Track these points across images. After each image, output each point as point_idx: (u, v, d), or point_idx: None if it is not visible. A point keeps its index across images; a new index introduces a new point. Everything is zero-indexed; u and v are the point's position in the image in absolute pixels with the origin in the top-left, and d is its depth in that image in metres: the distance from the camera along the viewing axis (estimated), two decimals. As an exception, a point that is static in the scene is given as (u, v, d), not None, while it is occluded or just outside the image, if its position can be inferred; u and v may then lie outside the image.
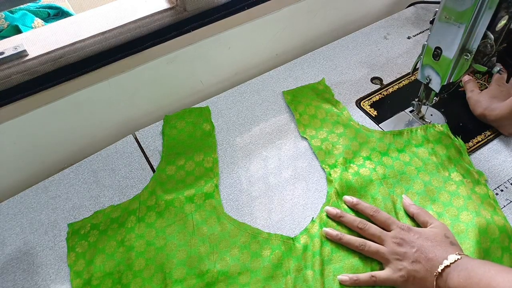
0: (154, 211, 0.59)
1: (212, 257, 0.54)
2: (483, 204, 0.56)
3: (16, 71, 0.57)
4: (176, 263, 0.53)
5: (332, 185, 0.60)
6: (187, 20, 0.67)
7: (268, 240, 0.55)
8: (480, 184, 0.59)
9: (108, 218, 0.59)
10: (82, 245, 0.57)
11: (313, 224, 0.57)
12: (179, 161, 0.64)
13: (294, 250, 0.54)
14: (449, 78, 0.58)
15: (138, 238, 0.56)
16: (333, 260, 0.53)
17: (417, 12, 0.91)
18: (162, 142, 0.68)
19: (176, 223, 0.57)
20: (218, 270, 0.53)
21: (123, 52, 0.65)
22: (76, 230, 0.58)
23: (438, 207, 0.57)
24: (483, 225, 0.53)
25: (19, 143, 0.63)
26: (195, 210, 0.59)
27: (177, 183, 0.62)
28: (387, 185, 0.59)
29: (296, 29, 0.82)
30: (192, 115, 0.71)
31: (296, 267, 0.52)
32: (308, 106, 0.71)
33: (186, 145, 0.67)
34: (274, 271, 0.52)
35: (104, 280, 0.53)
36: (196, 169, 0.64)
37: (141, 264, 0.54)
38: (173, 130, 0.69)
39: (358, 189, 0.59)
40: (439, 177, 0.60)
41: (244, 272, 0.53)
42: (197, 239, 0.56)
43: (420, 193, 0.58)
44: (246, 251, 0.54)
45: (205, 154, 0.65)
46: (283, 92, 0.75)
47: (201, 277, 0.52)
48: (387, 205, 0.57)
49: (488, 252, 0.52)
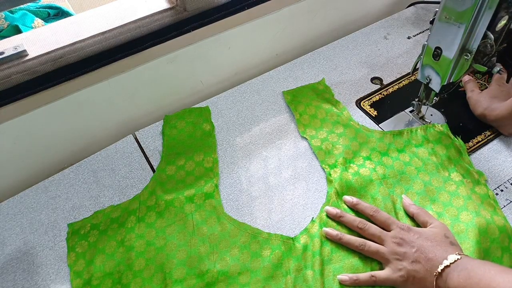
0: (154, 211, 0.59)
1: (212, 257, 0.54)
2: (483, 204, 0.56)
3: (16, 71, 0.57)
4: (176, 263, 0.53)
5: (332, 185, 0.60)
6: (187, 20, 0.67)
7: (268, 240, 0.55)
8: (480, 184, 0.59)
9: (108, 218, 0.59)
10: (82, 245, 0.57)
11: (313, 224, 0.57)
12: (179, 161, 0.64)
13: (294, 250, 0.54)
14: (449, 78, 0.58)
15: (138, 238, 0.56)
16: (333, 260, 0.53)
17: (417, 12, 0.91)
18: (162, 142, 0.68)
19: (176, 223, 0.57)
20: (218, 270, 0.53)
21: (123, 52, 0.65)
22: (76, 230, 0.58)
23: (438, 207, 0.57)
24: (483, 225, 0.53)
25: (19, 143, 0.63)
26: (195, 210, 0.59)
27: (177, 183, 0.62)
28: (387, 185, 0.59)
29: (296, 29, 0.82)
30: (192, 115, 0.71)
31: (296, 267, 0.52)
32: (308, 106, 0.71)
33: (186, 145, 0.67)
34: (274, 271, 0.52)
35: (104, 280, 0.53)
36: (196, 169, 0.63)
37: (141, 264, 0.54)
38: (173, 130, 0.69)
39: (358, 189, 0.59)
40: (439, 177, 0.60)
41: (244, 272, 0.53)
42: (197, 239, 0.56)
43: (420, 193, 0.58)
44: (246, 251, 0.54)
45: (205, 154, 0.65)
46: (283, 92, 0.75)
47: (201, 277, 0.52)
48: (387, 205, 0.57)
49: (488, 252, 0.52)
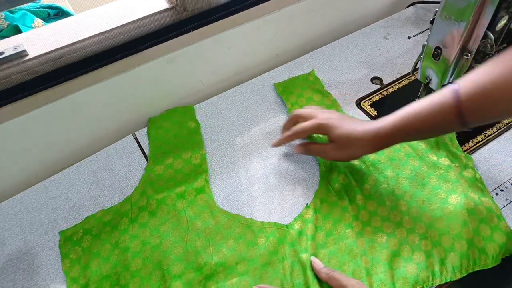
0: (146, 211, 0.59)
1: (208, 250, 0.55)
2: (471, 187, 0.58)
3: (16, 71, 0.57)
4: (174, 259, 0.54)
5: (325, 172, 0.62)
6: (187, 20, 0.67)
7: (262, 229, 0.56)
8: (468, 168, 0.60)
9: (100, 222, 0.59)
10: (76, 251, 0.56)
11: (307, 210, 0.58)
12: (167, 160, 0.65)
13: (289, 236, 0.55)
14: (449, 78, 0.58)
15: (132, 239, 0.56)
16: (328, 243, 0.54)
17: (417, 12, 0.91)
18: (148, 143, 0.68)
19: (170, 221, 0.58)
20: (216, 261, 0.53)
21: (123, 52, 0.65)
22: (69, 237, 0.58)
23: (428, 191, 0.58)
24: (471, 206, 0.55)
25: (19, 143, 0.63)
26: (187, 206, 0.59)
27: (167, 182, 0.62)
28: (377, 171, 0.61)
29: (296, 29, 0.82)
30: (177, 114, 0.72)
31: (292, 252, 0.54)
32: (299, 97, 0.73)
33: (172, 144, 0.68)
34: (270, 257, 0.54)
35: (101, 283, 0.53)
36: (184, 167, 0.64)
37: (138, 264, 0.54)
38: (159, 130, 0.70)
39: (350, 176, 0.60)
40: (428, 162, 0.61)
41: (241, 261, 0.53)
42: (192, 234, 0.56)
43: (410, 178, 0.60)
44: (242, 241, 0.55)
45: (192, 151, 0.66)
46: (274, 84, 0.76)
47: (200, 270, 0.53)
48: (377, 191, 0.59)
49: (477, 231, 0.53)
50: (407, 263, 0.52)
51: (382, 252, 0.53)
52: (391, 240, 0.54)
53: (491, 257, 0.51)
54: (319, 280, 0.51)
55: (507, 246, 0.52)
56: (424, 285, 0.50)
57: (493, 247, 0.52)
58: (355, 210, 0.57)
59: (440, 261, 0.51)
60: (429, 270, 0.51)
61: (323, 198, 0.59)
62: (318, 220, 0.57)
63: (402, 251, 0.53)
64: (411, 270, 0.51)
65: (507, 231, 0.53)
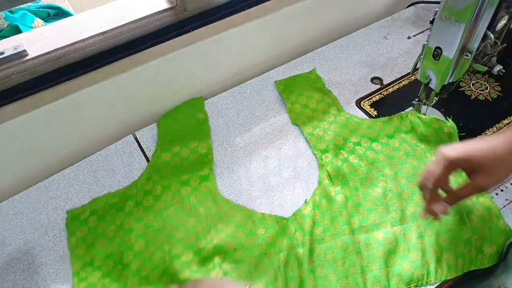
0: (151, 195, 0.60)
1: (208, 236, 0.56)
2: None
3: (16, 71, 0.57)
4: (174, 242, 0.55)
5: (324, 168, 0.62)
6: (187, 20, 0.67)
7: (263, 220, 0.57)
8: None
9: (106, 204, 0.60)
10: (82, 230, 0.58)
11: (306, 205, 0.58)
12: (174, 148, 0.66)
13: (287, 229, 0.56)
14: (449, 78, 0.58)
15: (137, 221, 0.58)
16: (325, 239, 0.55)
17: (417, 12, 0.91)
18: (157, 132, 0.69)
19: (174, 206, 0.59)
20: (214, 245, 0.54)
21: (123, 52, 0.65)
22: (76, 216, 0.60)
23: None
24: (469, 206, 0.55)
25: (19, 143, 0.63)
26: (191, 193, 0.60)
27: (173, 169, 0.63)
28: (376, 169, 0.61)
29: (296, 29, 0.82)
30: (187, 106, 0.74)
31: (288, 245, 0.54)
32: (300, 95, 0.73)
33: (180, 133, 0.69)
34: (267, 248, 0.54)
35: (105, 261, 0.55)
36: (191, 155, 0.65)
37: (141, 246, 0.55)
38: (168, 120, 0.71)
39: (348, 174, 0.61)
40: (427, 162, 0.62)
41: (239, 248, 0.55)
42: (194, 220, 0.57)
43: (409, 177, 0.60)
44: (242, 229, 0.56)
45: (199, 141, 0.67)
46: (275, 81, 0.76)
47: (198, 253, 0.54)
48: (374, 190, 0.59)
49: (475, 231, 0.53)
50: (402, 260, 0.52)
51: (378, 249, 0.53)
52: (387, 237, 0.54)
53: (488, 256, 0.51)
54: (314, 276, 0.52)
55: (505, 245, 0.52)
56: (419, 283, 0.50)
57: (491, 246, 0.52)
58: (353, 207, 0.57)
59: (436, 260, 0.52)
60: (424, 269, 0.51)
61: (322, 194, 0.59)
62: (316, 216, 0.57)
63: (398, 249, 0.53)
64: (406, 267, 0.51)
65: (506, 230, 0.53)
